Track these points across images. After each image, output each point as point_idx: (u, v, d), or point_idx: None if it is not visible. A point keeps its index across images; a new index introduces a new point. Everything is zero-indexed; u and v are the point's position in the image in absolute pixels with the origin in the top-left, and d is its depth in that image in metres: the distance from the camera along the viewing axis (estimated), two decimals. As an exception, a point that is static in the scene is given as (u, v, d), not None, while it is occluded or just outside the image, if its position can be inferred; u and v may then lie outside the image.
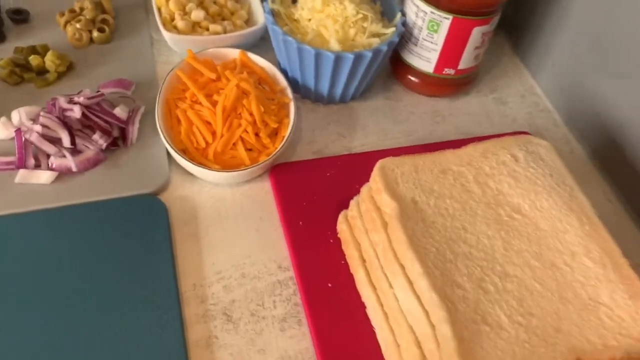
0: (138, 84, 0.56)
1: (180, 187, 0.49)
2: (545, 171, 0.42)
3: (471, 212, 0.39)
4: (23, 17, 0.59)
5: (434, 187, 0.40)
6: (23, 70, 0.54)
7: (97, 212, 0.45)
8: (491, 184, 0.41)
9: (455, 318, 0.33)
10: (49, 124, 0.47)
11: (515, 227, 0.39)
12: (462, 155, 0.43)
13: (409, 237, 0.37)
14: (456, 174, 0.42)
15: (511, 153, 0.43)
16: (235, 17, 0.60)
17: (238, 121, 0.50)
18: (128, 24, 0.62)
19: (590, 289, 0.36)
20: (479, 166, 0.42)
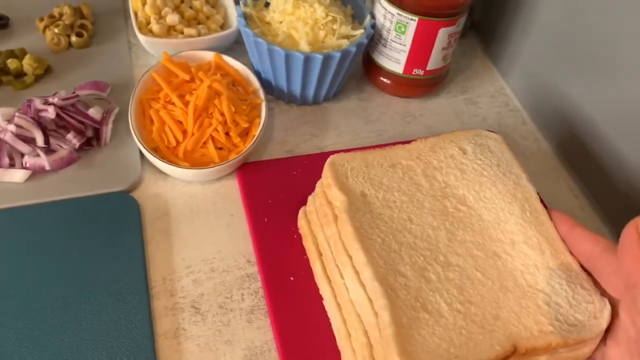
0: (114, 86, 0.57)
1: (153, 185, 0.50)
2: (492, 162, 0.43)
3: (418, 204, 0.40)
4: (3, 22, 0.61)
5: (383, 180, 0.41)
6: (1, 74, 0.55)
7: (70, 209, 0.46)
8: (439, 176, 0.42)
9: (395, 305, 0.34)
10: (24, 124, 0.48)
11: (460, 219, 0.40)
12: (411, 149, 0.44)
13: (356, 229, 0.38)
14: (405, 168, 0.43)
15: (459, 146, 0.44)
16: (210, 21, 0.61)
17: (209, 120, 0.51)
18: (106, 29, 0.63)
19: (529, 276, 0.37)
20: (427, 160, 0.43)
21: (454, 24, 0.53)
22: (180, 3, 0.61)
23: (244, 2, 0.56)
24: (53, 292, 0.41)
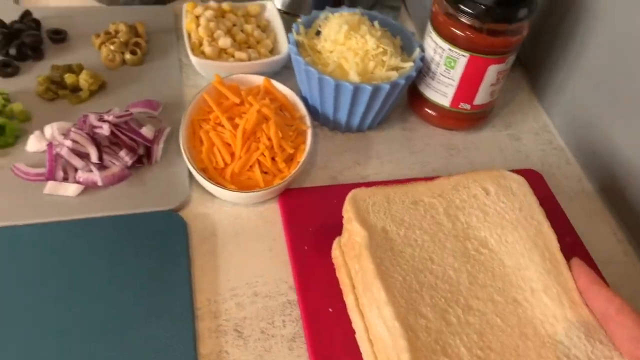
0: (165, 105, 0.58)
1: (201, 205, 0.51)
2: (515, 205, 0.43)
3: (439, 244, 0.40)
4: (61, 37, 0.63)
5: (404, 217, 0.42)
6: (58, 87, 0.57)
7: (119, 225, 0.47)
8: (461, 216, 0.42)
9: (415, 347, 0.34)
10: (79, 139, 0.50)
11: (481, 262, 0.40)
12: (433, 187, 0.44)
13: (377, 266, 0.38)
14: (427, 206, 0.43)
15: (483, 186, 0.44)
16: (260, 45, 0.62)
17: (256, 145, 0.52)
18: (159, 47, 0.65)
19: (548, 326, 0.37)
20: (450, 198, 0.43)
21: (504, 62, 0.54)
22: (232, 26, 0.62)
23: (296, 30, 0.57)
24: (97, 306, 0.42)
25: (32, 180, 0.49)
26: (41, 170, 0.50)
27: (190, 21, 0.61)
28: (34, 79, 0.57)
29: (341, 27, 0.54)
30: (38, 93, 0.56)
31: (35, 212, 0.47)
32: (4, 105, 0.54)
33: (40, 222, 0.47)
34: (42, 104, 0.56)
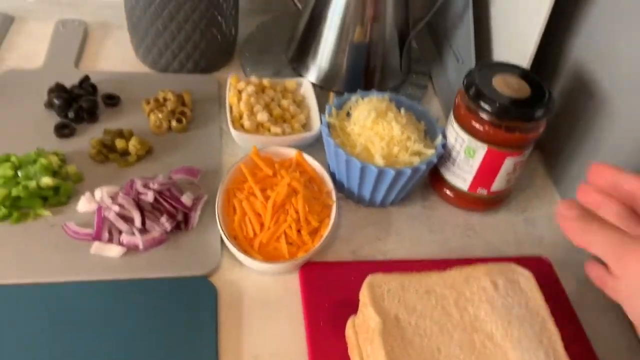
0: (205, 171, 0.63)
1: (230, 271, 0.55)
2: (521, 301, 0.46)
3: (448, 335, 0.44)
4: (115, 102, 0.69)
5: (417, 306, 0.45)
6: (109, 151, 0.62)
7: (155, 288, 0.52)
8: (470, 309, 0.45)
9: None
10: (125, 204, 0.55)
11: (486, 355, 0.43)
12: (447, 278, 0.47)
13: (387, 353, 0.41)
14: (439, 296, 0.46)
15: (492, 280, 0.48)
16: (294, 120, 0.67)
17: (284, 217, 0.57)
18: (203, 115, 0.70)
19: None
20: (460, 290, 0.47)
21: (521, 154, 0.57)
22: (270, 101, 0.68)
23: (329, 112, 0.62)
24: (132, 364, 0.47)
25: (80, 239, 0.54)
26: (89, 231, 0.55)
27: (233, 95, 0.67)
28: (88, 141, 0.63)
29: (370, 113, 0.59)
30: (90, 155, 0.62)
31: (80, 270, 0.52)
32: (60, 166, 0.59)
33: (84, 281, 0.52)
34: (93, 165, 0.62)
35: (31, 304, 0.49)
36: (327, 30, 0.74)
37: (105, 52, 0.78)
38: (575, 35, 0.65)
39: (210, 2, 0.69)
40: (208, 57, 0.75)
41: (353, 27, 0.73)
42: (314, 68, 0.76)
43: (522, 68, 0.59)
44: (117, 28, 0.81)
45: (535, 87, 0.56)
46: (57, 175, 0.58)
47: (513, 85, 0.56)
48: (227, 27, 0.74)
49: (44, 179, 0.56)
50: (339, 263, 0.57)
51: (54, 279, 0.51)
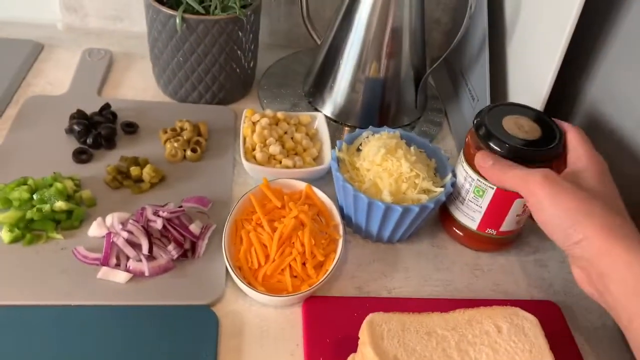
0: (215, 200, 0.64)
1: (233, 302, 0.55)
2: (525, 346, 0.45)
3: None
4: (133, 130, 0.71)
5: (416, 347, 0.44)
6: (124, 178, 0.64)
7: (158, 315, 0.52)
8: (471, 352, 0.45)
9: None
10: (134, 230, 0.56)
11: None
12: (449, 319, 0.47)
13: None
14: (440, 338, 0.45)
15: (496, 323, 0.47)
16: (306, 153, 0.68)
17: (290, 249, 0.57)
18: (217, 145, 0.71)
19: None
20: (463, 333, 0.46)
21: (530, 196, 0.57)
22: (283, 134, 0.69)
23: (339, 147, 0.62)
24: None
25: (88, 264, 0.55)
26: (98, 255, 0.56)
27: (247, 127, 0.68)
28: (104, 167, 0.65)
29: (379, 150, 0.59)
30: (105, 181, 0.64)
31: (86, 294, 0.53)
32: (75, 190, 0.61)
33: (89, 305, 0.52)
34: (107, 190, 0.63)
35: (37, 326, 0.50)
36: (344, 65, 0.75)
37: (128, 81, 0.81)
38: (591, 77, 0.65)
39: (229, 36, 0.71)
40: (226, 89, 0.76)
41: (370, 62, 0.74)
42: (329, 102, 0.78)
43: (533, 109, 0.58)
44: (141, 58, 0.84)
45: (546, 129, 0.56)
46: (71, 200, 0.60)
47: (524, 126, 0.56)
48: (246, 60, 0.76)
49: (57, 203, 0.58)
50: (342, 298, 0.57)
51: (60, 301, 0.52)
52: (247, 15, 0.71)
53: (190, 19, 0.68)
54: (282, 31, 0.91)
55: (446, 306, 0.51)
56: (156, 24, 0.71)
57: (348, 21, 0.73)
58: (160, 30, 0.71)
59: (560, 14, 0.60)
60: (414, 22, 0.72)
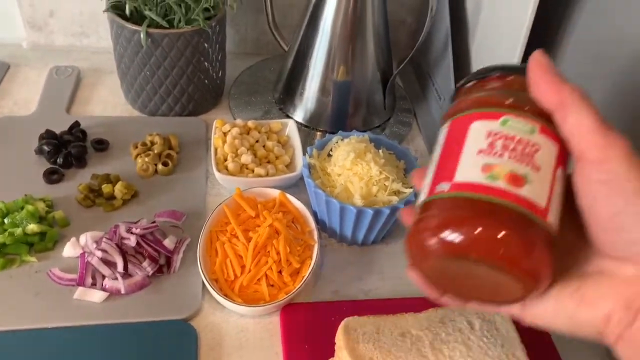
0: (189, 213, 0.64)
1: (211, 314, 0.56)
2: (497, 341, 0.46)
3: None
4: (103, 147, 0.71)
5: (391, 349, 0.45)
6: (95, 196, 0.64)
7: (135, 332, 0.52)
8: (445, 350, 0.46)
9: None
10: (108, 249, 0.56)
11: None
12: (422, 319, 0.48)
13: None
14: (414, 338, 0.46)
15: (468, 320, 0.48)
16: (278, 161, 0.68)
17: (266, 258, 0.57)
18: (189, 157, 0.72)
19: None
20: (436, 332, 0.47)
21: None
22: (255, 142, 0.69)
23: (310, 153, 0.63)
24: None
25: (64, 285, 0.55)
26: (73, 276, 0.55)
27: (218, 137, 0.68)
28: (75, 186, 0.65)
29: (349, 155, 0.60)
30: (77, 200, 0.63)
31: (64, 315, 0.53)
32: (47, 212, 0.61)
33: (67, 326, 0.52)
34: (79, 210, 0.63)
35: (13, 351, 0.50)
36: (312, 70, 0.75)
37: (97, 97, 0.80)
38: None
39: (195, 48, 0.71)
40: (195, 100, 0.77)
41: (337, 66, 0.74)
42: (300, 108, 0.78)
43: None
44: (109, 73, 0.84)
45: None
46: (44, 221, 0.60)
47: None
48: (214, 71, 0.76)
49: (30, 226, 0.58)
50: (319, 304, 0.57)
51: (36, 325, 0.52)
52: (212, 26, 0.71)
53: (154, 33, 0.68)
54: (249, 39, 0.92)
55: (421, 305, 0.51)
56: (121, 40, 0.71)
57: (313, 26, 0.73)
58: (125, 45, 0.71)
59: (517, 14, 0.61)
60: (377, 24, 0.73)
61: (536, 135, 0.32)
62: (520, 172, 0.31)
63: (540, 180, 0.31)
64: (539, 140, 0.32)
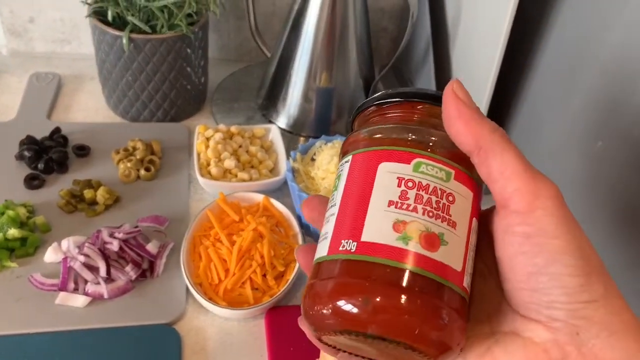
0: (172, 218, 0.64)
1: (195, 318, 0.56)
2: None
3: None
4: (85, 152, 0.70)
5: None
6: (77, 202, 0.63)
7: (119, 337, 0.52)
8: None
9: None
10: (91, 254, 0.56)
11: None
12: None
13: None
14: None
15: None
16: (262, 166, 0.69)
17: (250, 262, 0.57)
18: (172, 162, 0.71)
19: None
20: None
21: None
22: (238, 148, 0.69)
23: (294, 157, 0.63)
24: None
25: (46, 290, 0.55)
26: (55, 281, 0.55)
27: (201, 142, 0.68)
28: (57, 192, 0.64)
29: (332, 158, 0.61)
30: (59, 205, 0.63)
31: (46, 321, 0.52)
32: (28, 217, 0.60)
33: (49, 331, 0.52)
34: (61, 215, 0.63)
35: (-6, 357, 0.49)
36: (295, 77, 0.76)
37: (78, 103, 0.80)
38: (529, 80, 0.68)
39: (177, 54, 0.71)
40: (178, 106, 0.77)
41: (320, 72, 0.75)
42: (283, 114, 0.79)
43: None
44: (90, 79, 0.83)
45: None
46: (25, 227, 0.59)
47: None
48: (197, 77, 0.77)
49: (10, 231, 0.57)
50: (303, 307, 0.57)
51: (18, 330, 0.51)
52: (195, 32, 0.71)
53: (137, 38, 0.68)
54: (232, 46, 0.92)
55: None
56: (103, 45, 0.71)
57: (296, 33, 0.74)
58: (107, 51, 0.71)
59: (496, 21, 0.62)
60: (359, 31, 0.74)
61: (452, 182, 0.27)
62: (436, 231, 0.26)
63: (456, 239, 0.27)
64: (455, 188, 0.27)
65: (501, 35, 0.61)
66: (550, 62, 0.64)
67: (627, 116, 0.49)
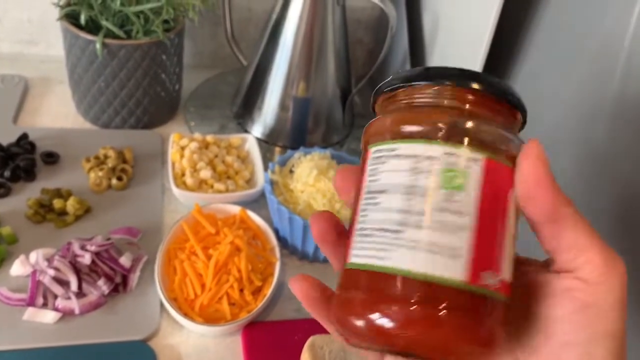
0: (145, 230, 0.62)
1: (169, 334, 0.54)
2: None
3: None
4: (54, 160, 0.68)
5: None
6: (46, 211, 0.61)
7: (91, 354, 0.50)
8: None
9: None
10: (61, 267, 0.53)
11: None
12: None
13: None
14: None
15: None
16: (238, 176, 0.67)
17: (227, 277, 0.56)
18: (144, 171, 0.70)
19: None
20: None
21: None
22: (214, 157, 0.68)
23: (272, 169, 0.62)
24: None
25: (13, 305, 0.52)
26: (23, 296, 0.53)
27: (176, 152, 0.67)
28: (24, 201, 0.62)
29: (312, 171, 0.60)
30: (27, 215, 0.60)
31: (12, 338, 0.50)
32: (-7, 228, 0.58)
33: (16, 349, 0.49)
34: (29, 226, 0.60)
35: (-44, 377, 0.47)
36: (272, 85, 0.75)
37: (46, 108, 0.77)
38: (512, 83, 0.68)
39: (152, 60, 0.69)
40: (151, 113, 0.75)
41: (297, 82, 0.74)
42: (259, 123, 0.77)
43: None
44: (59, 83, 0.80)
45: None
46: (-10, 238, 0.57)
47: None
48: (171, 83, 0.75)
49: (-26, 243, 0.54)
50: (282, 322, 0.56)
51: (-18, 349, 0.49)
52: (171, 38, 0.70)
53: (111, 44, 0.66)
54: (207, 52, 0.91)
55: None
56: (75, 49, 0.68)
57: (274, 42, 0.73)
58: (79, 55, 0.68)
59: (474, 35, 0.63)
60: (337, 42, 0.74)
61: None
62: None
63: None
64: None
65: (481, 48, 0.62)
66: (527, 80, 0.65)
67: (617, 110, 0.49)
